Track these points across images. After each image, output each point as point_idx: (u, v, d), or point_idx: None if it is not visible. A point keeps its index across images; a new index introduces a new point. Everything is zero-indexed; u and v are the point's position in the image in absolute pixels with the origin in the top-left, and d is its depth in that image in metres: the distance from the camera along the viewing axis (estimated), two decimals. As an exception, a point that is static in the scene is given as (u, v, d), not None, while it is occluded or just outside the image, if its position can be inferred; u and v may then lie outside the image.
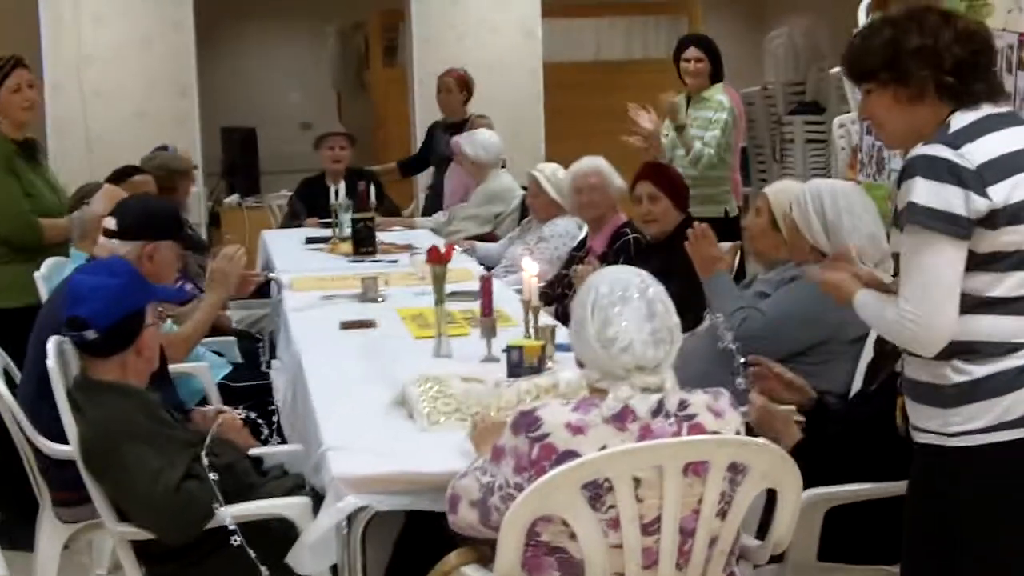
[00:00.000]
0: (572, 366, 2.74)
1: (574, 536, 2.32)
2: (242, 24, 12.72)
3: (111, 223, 3.76)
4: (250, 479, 3.10)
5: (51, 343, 3.06)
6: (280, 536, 2.88)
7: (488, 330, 3.74)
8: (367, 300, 4.75)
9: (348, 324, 4.31)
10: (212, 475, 2.86)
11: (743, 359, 3.34)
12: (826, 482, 2.91)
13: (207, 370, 4.24)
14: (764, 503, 2.69)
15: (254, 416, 3.24)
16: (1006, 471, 2.45)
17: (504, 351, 3.51)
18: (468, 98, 7.79)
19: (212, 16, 10.51)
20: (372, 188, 6.31)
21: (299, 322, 4.43)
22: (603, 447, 2.32)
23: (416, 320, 4.33)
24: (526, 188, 6.35)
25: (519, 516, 2.31)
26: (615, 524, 2.31)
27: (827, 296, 3.35)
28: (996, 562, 2.50)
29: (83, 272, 3.21)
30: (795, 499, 2.52)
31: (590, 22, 11.87)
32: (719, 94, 6.27)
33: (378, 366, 3.68)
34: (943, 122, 2.47)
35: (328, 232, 6.64)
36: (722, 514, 2.41)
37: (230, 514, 2.83)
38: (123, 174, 5.32)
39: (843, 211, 3.47)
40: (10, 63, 5.00)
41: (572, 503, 2.29)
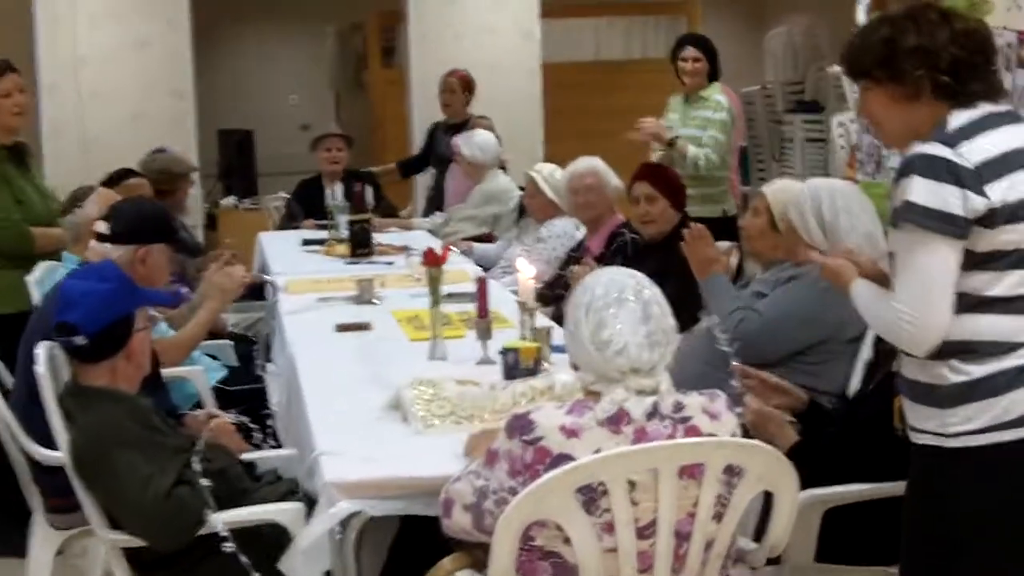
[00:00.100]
0: (568, 368, 2.72)
1: (568, 540, 2.30)
2: (240, 26, 12.71)
3: (103, 227, 3.74)
4: (243, 484, 3.08)
5: (41, 349, 3.04)
6: (273, 542, 2.87)
7: (484, 332, 3.72)
8: (363, 302, 4.73)
9: (343, 327, 4.29)
10: (204, 481, 2.84)
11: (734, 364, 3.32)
12: (824, 483, 2.89)
13: (202, 374, 4.21)
14: (761, 505, 2.67)
15: (246, 420, 3.20)
16: (1005, 471, 2.42)
17: (500, 353, 3.49)
18: (470, 99, 7.77)
19: (210, 18, 10.49)
20: (369, 189, 6.30)
21: (294, 325, 4.41)
22: (597, 450, 2.30)
23: (412, 322, 4.30)
24: (524, 189, 6.32)
25: (513, 520, 2.29)
26: (610, 528, 2.29)
27: (825, 296, 3.36)
28: (995, 563, 2.48)
29: (73, 277, 3.19)
30: (792, 501, 2.51)
31: (590, 22, 11.86)
32: (717, 94, 6.27)
33: (373, 369, 3.66)
34: (941, 120, 2.45)
35: (325, 234, 6.62)
36: (718, 517, 2.39)
37: (222, 520, 2.81)
38: (118, 177, 5.31)
39: (840, 211, 3.45)
40: (0, 68, 4.96)
41: (566, 507, 2.27)
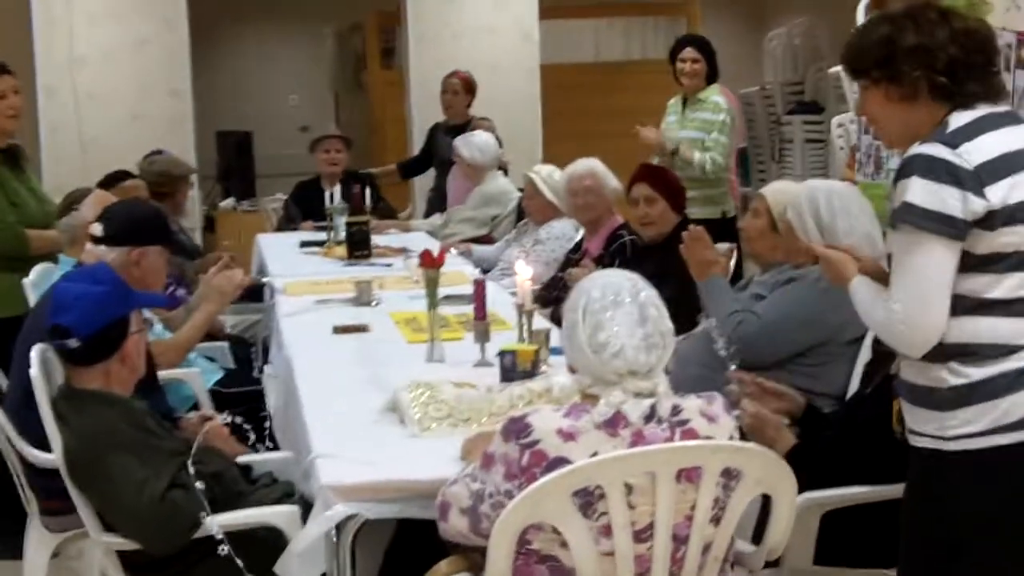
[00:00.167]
0: (566, 371, 2.70)
1: (565, 544, 2.28)
2: (240, 26, 12.69)
3: (97, 229, 3.72)
4: (238, 487, 3.07)
5: (35, 351, 3.03)
6: (269, 545, 2.85)
7: (481, 334, 3.70)
8: (361, 304, 4.71)
9: (341, 328, 4.27)
10: (199, 484, 2.82)
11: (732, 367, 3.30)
12: (822, 486, 2.88)
13: (198, 376, 4.20)
14: (760, 508, 2.65)
15: (240, 422, 3.19)
16: (1004, 474, 2.41)
17: (498, 355, 3.47)
18: (471, 100, 7.75)
19: (209, 18, 10.47)
20: (367, 191, 6.27)
21: (291, 327, 4.39)
22: (594, 453, 2.28)
23: (410, 324, 4.28)
24: (523, 190, 6.31)
25: (509, 524, 2.28)
26: (607, 531, 2.28)
27: (824, 297, 3.34)
28: (994, 566, 2.46)
29: (66, 280, 3.17)
30: (790, 504, 2.49)
31: (589, 23, 11.85)
32: (715, 95, 6.24)
33: (370, 371, 3.64)
34: (941, 121, 2.43)
35: (323, 236, 6.60)
36: (716, 520, 2.38)
37: (217, 523, 2.79)
38: (114, 179, 5.29)
39: (838, 212, 3.44)
40: None
41: (563, 510, 2.26)
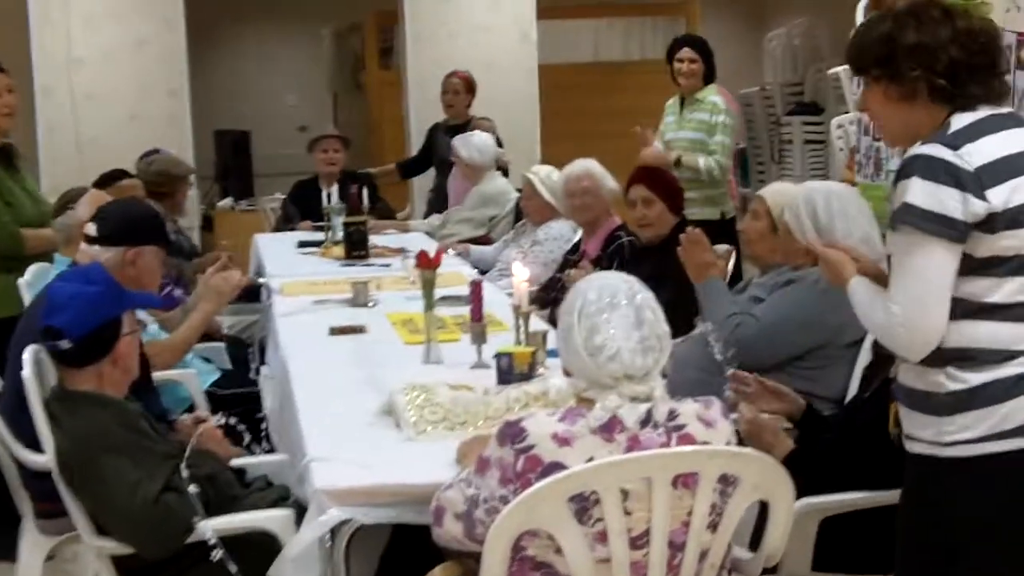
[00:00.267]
0: (562, 373, 2.68)
1: (560, 551, 2.26)
2: (238, 27, 12.66)
3: (92, 229, 3.70)
4: (232, 491, 3.05)
5: (27, 353, 3.01)
6: (263, 549, 2.84)
7: (478, 336, 3.68)
8: (358, 305, 4.69)
9: (337, 330, 4.25)
10: (192, 487, 2.80)
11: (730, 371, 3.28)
12: (821, 491, 2.86)
13: (194, 377, 4.18)
14: (757, 513, 2.63)
15: (234, 423, 3.17)
16: (1001, 480, 2.38)
17: (494, 358, 3.45)
18: (471, 100, 7.73)
19: (207, 18, 10.45)
20: (365, 191, 6.25)
21: (288, 328, 4.37)
22: (590, 459, 2.26)
23: (407, 325, 4.26)
24: (521, 191, 6.28)
25: (504, 530, 2.26)
26: (602, 538, 2.26)
27: (824, 299, 3.32)
28: (991, 572, 2.44)
29: (59, 280, 3.15)
30: (787, 510, 2.47)
31: (588, 23, 11.83)
32: (713, 95, 6.21)
33: (366, 373, 3.62)
34: (943, 122, 2.41)
35: (321, 236, 6.58)
36: (713, 527, 2.35)
37: (211, 527, 2.77)
38: (110, 178, 5.27)
39: (836, 214, 3.42)
40: None
41: (558, 516, 2.24)
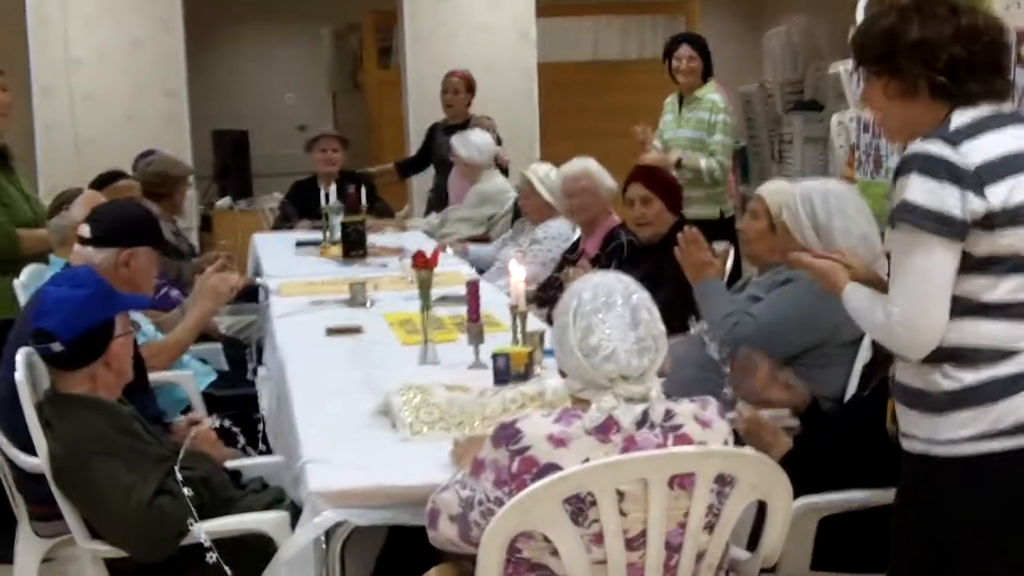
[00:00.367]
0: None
1: (556, 552, 2.25)
2: (237, 27, 12.64)
3: (85, 230, 3.68)
4: (227, 493, 3.03)
5: (20, 355, 2.99)
6: (258, 552, 2.82)
7: (475, 336, 3.66)
8: (355, 305, 4.67)
9: (334, 330, 4.23)
10: (186, 490, 2.79)
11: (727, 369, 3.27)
12: (820, 490, 2.85)
13: (191, 379, 4.15)
14: (755, 513, 2.61)
15: (228, 425, 3.15)
16: (996, 481, 2.36)
17: (491, 358, 3.43)
18: (471, 99, 7.72)
19: (206, 18, 10.44)
20: (363, 190, 6.23)
21: (285, 328, 4.35)
22: (586, 460, 2.24)
23: (404, 326, 4.25)
24: (519, 189, 6.26)
25: (499, 532, 2.24)
26: (598, 539, 2.24)
27: (822, 298, 3.30)
28: (985, 571, 2.41)
29: (50, 283, 3.14)
30: (785, 510, 2.46)
31: (587, 21, 11.81)
32: (711, 93, 6.17)
33: (363, 374, 3.60)
34: (944, 119, 2.38)
35: (319, 235, 6.56)
36: (710, 527, 2.34)
37: (205, 530, 2.76)
38: (107, 179, 5.24)
39: (834, 212, 3.39)
40: None
41: (553, 518, 2.22)
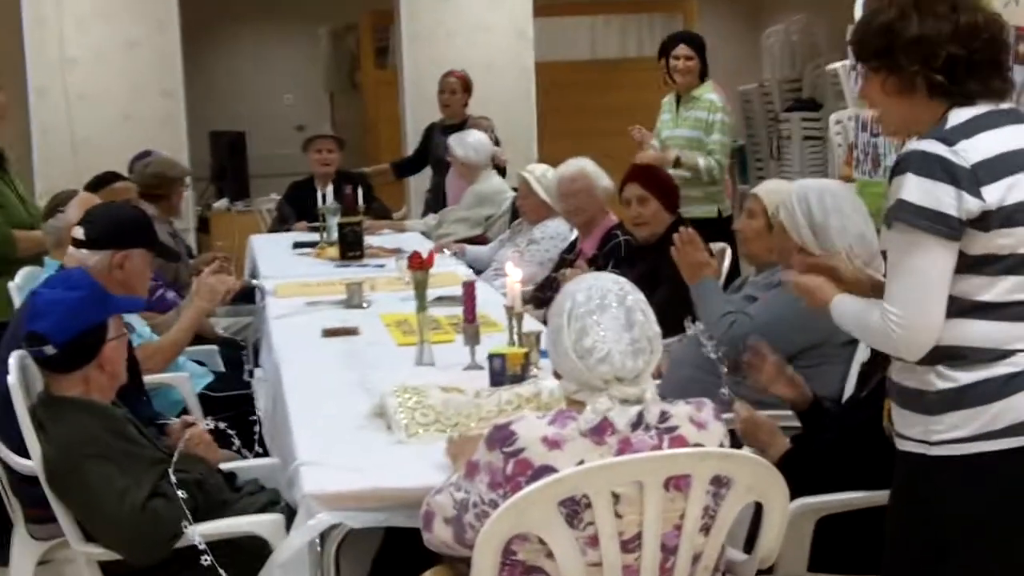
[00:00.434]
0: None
1: (551, 555, 2.23)
2: (234, 27, 12.63)
3: (79, 232, 3.67)
4: (222, 495, 3.02)
5: (13, 358, 2.97)
6: (253, 554, 2.81)
7: (471, 337, 3.65)
8: (352, 306, 4.66)
9: (330, 331, 4.22)
10: (181, 492, 2.78)
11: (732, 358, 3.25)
12: (818, 491, 2.83)
13: (187, 380, 4.14)
14: (752, 514, 2.60)
15: (223, 427, 3.14)
16: (991, 481, 2.34)
17: (487, 359, 3.42)
18: (468, 99, 7.71)
19: (203, 19, 10.43)
20: (360, 191, 6.22)
21: (281, 330, 4.35)
22: (580, 462, 2.23)
23: (400, 327, 4.24)
24: (517, 189, 6.25)
25: (494, 534, 2.23)
26: (593, 542, 2.23)
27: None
28: (980, 570, 2.40)
29: (43, 285, 3.12)
30: (782, 512, 2.44)
31: (585, 20, 11.80)
32: (709, 92, 6.13)
33: (358, 375, 3.59)
34: (942, 117, 2.37)
35: (316, 236, 6.55)
36: (705, 529, 2.33)
37: (199, 532, 2.75)
38: (103, 181, 5.22)
39: (831, 211, 3.38)
40: None
41: (548, 520, 2.21)
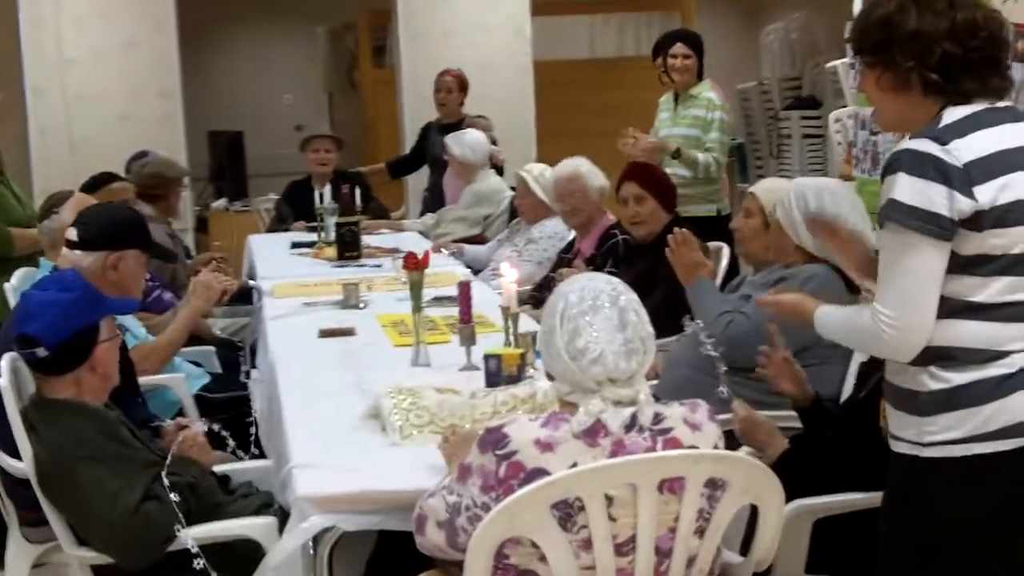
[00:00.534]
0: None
1: (544, 558, 2.22)
2: (233, 26, 12.62)
3: (73, 234, 3.66)
4: (215, 498, 3.00)
5: (4, 360, 2.96)
6: (246, 557, 2.80)
7: (467, 338, 3.63)
8: (348, 307, 4.64)
9: (327, 332, 4.20)
10: (173, 495, 2.76)
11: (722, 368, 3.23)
12: (816, 492, 2.82)
13: (183, 381, 4.12)
14: (749, 516, 2.59)
15: (218, 429, 3.12)
16: (984, 483, 2.32)
17: (483, 359, 3.40)
18: (464, 98, 7.69)
19: (201, 19, 10.41)
20: (358, 191, 6.21)
21: (277, 331, 4.33)
22: (573, 464, 2.22)
23: (396, 327, 4.22)
24: (515, 189, 6.23)
25: (486, 538, 2.21)
26: (587, 545, 2.22)
27: (815, 297, 3.27)
28: (972, 571, 2.38)
29: (35, 287, 3.11)
30: (777, 514, 2.42)
31: (583, 19, 11.79)
32: (707, 91, 6.07)
33: (354, 376, 3.58)
34: (936, 115, 2.35)
35: (314, 236, 6.54)
36: (700, 532, 2.31)
37: (192, 536, 2.73)
38: (98, 181, 5.21)
39: (828, 210, 3.36)
40: None
41: (541, 523, 2.19)
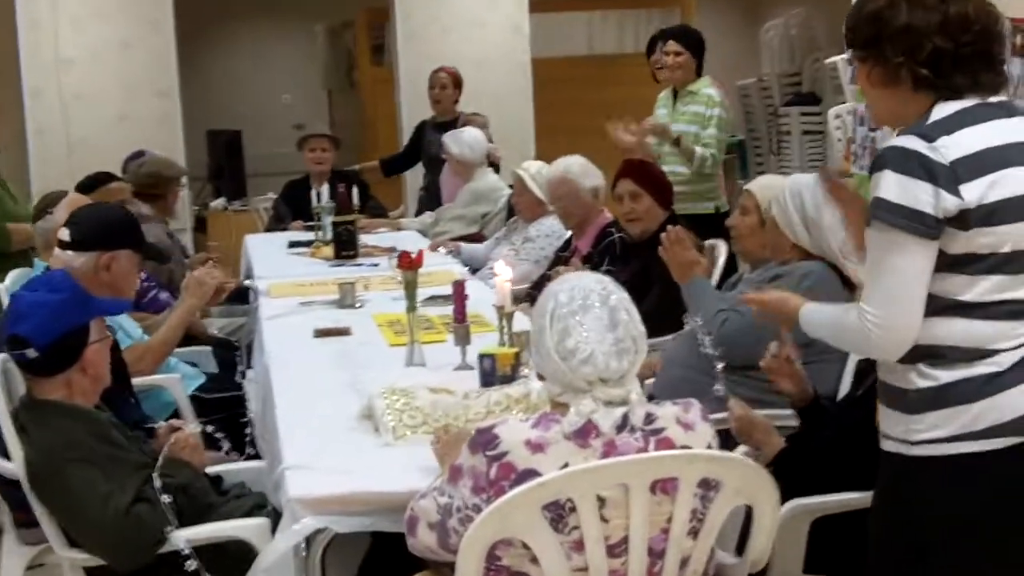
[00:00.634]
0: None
1: (536, 560, 2.20)
2: (232, 25, 12.62)
3: (65, 234, 3.65)
4: (208, 499, 2.99)
5: (-5, 361, 2.96)
6: (239, 558, 2.79)
7: (462, 337, 3.62)
8: (345, 306, 4.63)
9: (322, 332, 4.19)
10: (165, 497, 2.76)
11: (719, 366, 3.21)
12: (813, 491, 2.80)
13: (178, 382, 4.10)
14: (744, 516, 2.57)
15: (211, 430, 3.11)
16: (973, 481, 2.30)
17: (477, 359, 3.38)
18: (459, 96, 7.67)
19: (200, 18, 10.40)
20: (355, 190, 6.19)
21: (273, 330, 4.31)
22: (565, 465, 2.20)
23: (392, 327, 4.20)
24: (512, 187, 6.21)
25: (477, 539, 2.20)
26: (579, 546, 2.20)
27: (811, 295, 3.25)
28: (962, 570, 2.36)
29: (25, 288, 3.10)
30: (772, 514, 2.41)
31: (582, 16, 11.77)
32: (707, 87, 6.00)
33: (348, 376, 3.56)
34: (927, 110, 2.32)
35: (312, 236, 6.52)
36: (694, 533, 2.29)
37: (184, 537, 2.73)
38: (96, 181, 5.20)
39: (824, 206, 3.35)
40: None
41: (532, 525, 2.18)
